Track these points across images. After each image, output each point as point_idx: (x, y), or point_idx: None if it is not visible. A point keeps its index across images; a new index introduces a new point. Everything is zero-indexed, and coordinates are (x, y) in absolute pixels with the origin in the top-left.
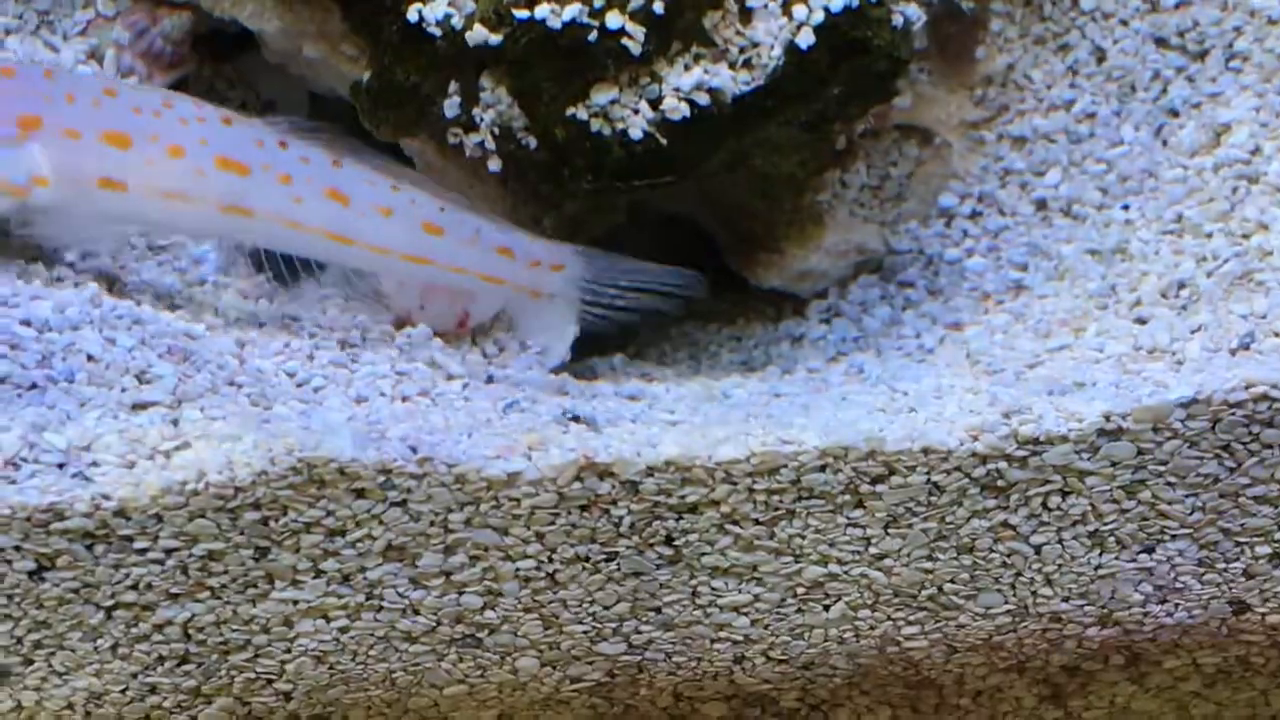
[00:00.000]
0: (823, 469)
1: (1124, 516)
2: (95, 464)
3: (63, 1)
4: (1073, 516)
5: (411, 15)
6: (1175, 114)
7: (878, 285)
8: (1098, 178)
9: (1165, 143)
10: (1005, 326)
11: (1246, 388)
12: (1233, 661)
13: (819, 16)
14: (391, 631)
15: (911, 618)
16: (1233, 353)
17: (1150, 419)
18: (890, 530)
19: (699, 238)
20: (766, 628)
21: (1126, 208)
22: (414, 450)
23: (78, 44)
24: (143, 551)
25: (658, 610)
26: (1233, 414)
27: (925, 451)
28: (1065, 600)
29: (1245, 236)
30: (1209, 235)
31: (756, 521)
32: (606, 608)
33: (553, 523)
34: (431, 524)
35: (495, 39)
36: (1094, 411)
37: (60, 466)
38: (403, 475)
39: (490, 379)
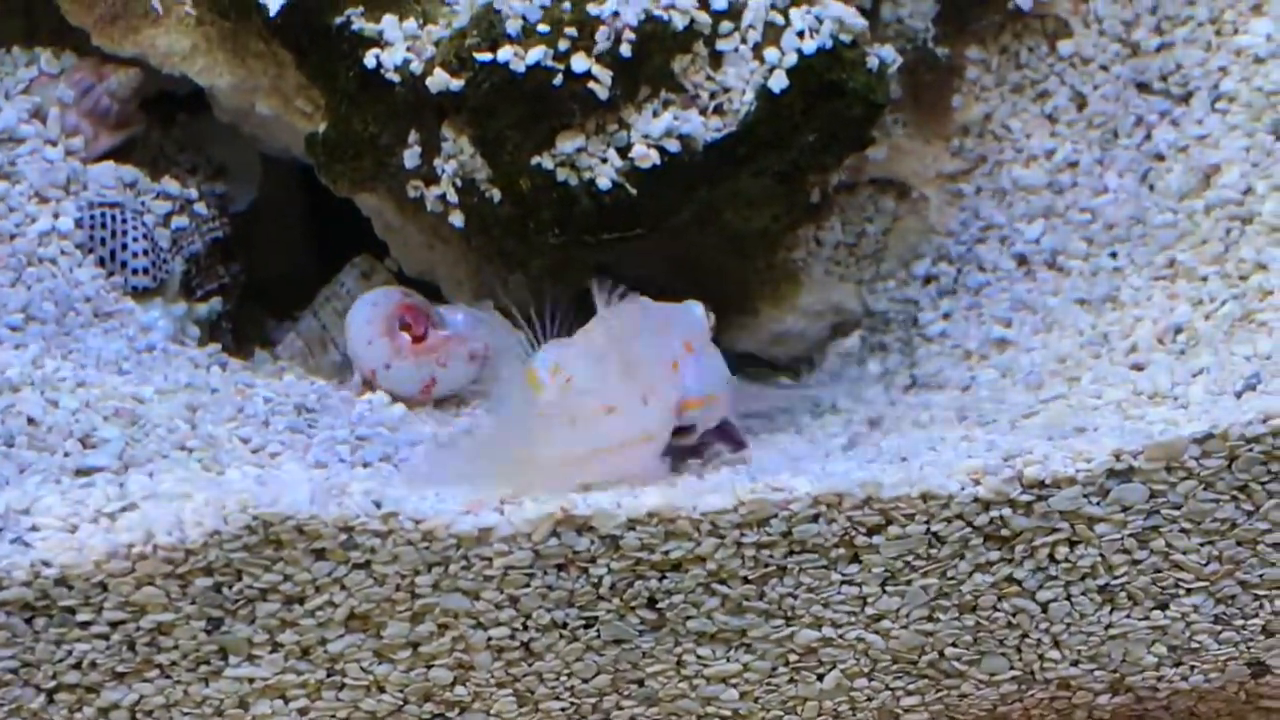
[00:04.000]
0: (816, 519)
1: (1136, 569)
2: (35, 528)
3: (4, 59)
4: (1082, 569)
5: (369, 61)
6: (1161, 158)
7: (855, 347)
8: (1082, 227)
9: (1152, 188)
10: (992, 382)
11: (1264, 420)
12: None
13: (791, 59)
14: (355, 712)
15: (911, 687)
16: (1238, 395)
17: (1164, 457)
18: (888, 588)
19: None
20: (756, 701)
21: (1114, 255)
22: (378, 505)
23: (21, 102)
24: (86, 625)
25: (640, 683)
26: (1250, 449)
27: (924, 498)
28: (1074, 664)
29: (1243, 278)
30: (1204, 279)
31: (745, 580)
32: (585, 680)
33: (527, 585)
34: (397, 588)
35: (456, 84)
36: (1103, 450)
37: None
38: (366, 533)
39: None
